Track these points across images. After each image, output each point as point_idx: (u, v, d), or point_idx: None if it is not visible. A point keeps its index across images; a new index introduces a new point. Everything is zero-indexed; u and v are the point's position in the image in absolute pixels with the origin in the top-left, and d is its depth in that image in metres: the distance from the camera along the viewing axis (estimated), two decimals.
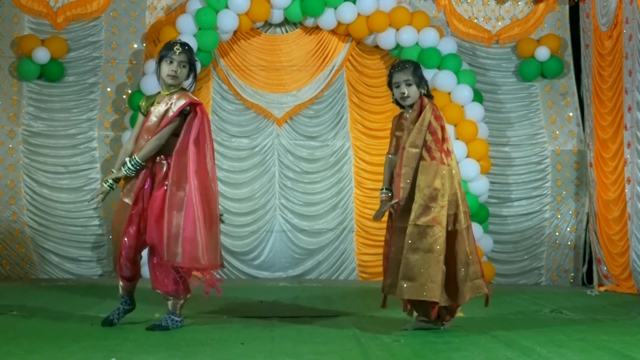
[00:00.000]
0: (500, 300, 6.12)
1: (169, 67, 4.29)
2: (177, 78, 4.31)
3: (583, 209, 7.97)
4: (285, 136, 8.16)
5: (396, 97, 4.48)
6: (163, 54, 4.32)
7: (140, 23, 8.10)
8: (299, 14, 7.86)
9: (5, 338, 3.98)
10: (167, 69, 4.30)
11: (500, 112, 8.13)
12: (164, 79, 4.33)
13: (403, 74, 4.40)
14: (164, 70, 4.31)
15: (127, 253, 4.33)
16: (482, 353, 3.71)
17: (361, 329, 4.43)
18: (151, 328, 4.30)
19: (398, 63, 4.54)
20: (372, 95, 8.18)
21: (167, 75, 4.30)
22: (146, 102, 4.46)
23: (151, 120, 4.35)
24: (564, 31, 8.24)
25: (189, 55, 4.35)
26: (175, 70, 4.28)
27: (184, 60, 4.31)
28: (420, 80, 4.43)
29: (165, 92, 4.37)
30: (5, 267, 7.71)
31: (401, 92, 4.40)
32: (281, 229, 8.11)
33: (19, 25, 7.93)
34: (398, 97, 4.46)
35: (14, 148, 7.83)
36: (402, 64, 4.49)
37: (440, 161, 4.27)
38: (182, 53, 4.30)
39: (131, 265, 4.38)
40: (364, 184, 8.10)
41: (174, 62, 4.28)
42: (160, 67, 4.33)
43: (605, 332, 4.42)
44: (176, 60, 4.28)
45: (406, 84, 4.40)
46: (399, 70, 4.43)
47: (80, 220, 7.83)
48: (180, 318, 4.39)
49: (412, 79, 4.40)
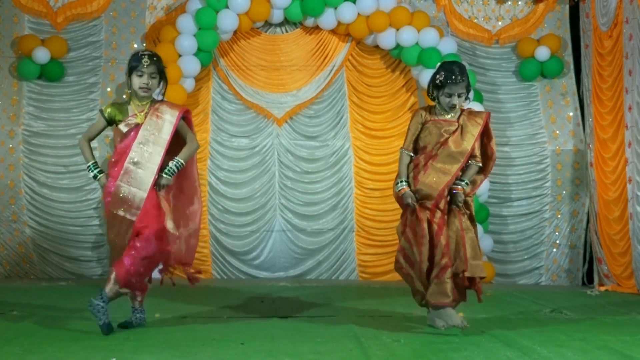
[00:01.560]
0: (500, 300, 6.12)
1: (140, 80, 4.38)
2: (150, 90, 4.42)
3: (583, 209, 7.97)
4: (285, 136, 8.16)
5: (443, 105, 4.59)
6: (132, 65, 4.40)
7: (140, 23, 8.10)
8: (299, 13, 7.86)
9: (5, 338, 3.99)
10: (138, 81, 4.39)
11: (500, 112, 8.12)
12: (136, 92, 4.41)
13: (459, 87, 4.54)
14: (135, 83, 4.41)
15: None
16: (482, 353, 3.71)
17: (361, 329, 4.44)
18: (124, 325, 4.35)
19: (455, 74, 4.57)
20: (372, 95, 8.18)
21: (139, 88, 4.39)
22: (116, 111, 4.46)
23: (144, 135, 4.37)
24: (564, 31, 8.24)
25: (158, 65, 4.44)
26: (147, 83, 4.38)
27: (153, 71, 4.40)
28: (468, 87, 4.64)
29: (141, 102, 4.44)
30: (6, 267, 7.71)
31: (453, 102, 4.56)
32: (281, 228, 8.11)
33: (19, 25, 7.93)
34: (446, 105, 4.58)
35: (14, 148, 7.83)
36: (459, 77, 4.56)
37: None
38: (151, 65, 4.39)
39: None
40: (364, 183, 8.10)
41: (144, 75, 4.38)
42: (131, 80, 4.41)
43: (605, 332, 4.42)
44: (146, 73, 4.37)
45: (458, 96, 4.57)
46: (456, 83, 4.53)
47: (80, 220, 7.82)
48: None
49: (464, 93, 4.59)
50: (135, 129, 4.41)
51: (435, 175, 4.52)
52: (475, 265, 4.46)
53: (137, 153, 4.36)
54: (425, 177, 4.52)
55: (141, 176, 4.35)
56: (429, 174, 4.52)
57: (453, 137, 4.58)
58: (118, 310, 4.52)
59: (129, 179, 4.34)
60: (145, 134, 4.38)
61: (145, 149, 4.36)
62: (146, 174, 4.35)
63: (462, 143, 4.60)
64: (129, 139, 4.40)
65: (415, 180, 4.55)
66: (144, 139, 4.38)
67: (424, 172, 4.54)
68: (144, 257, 4.28)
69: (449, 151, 4.56)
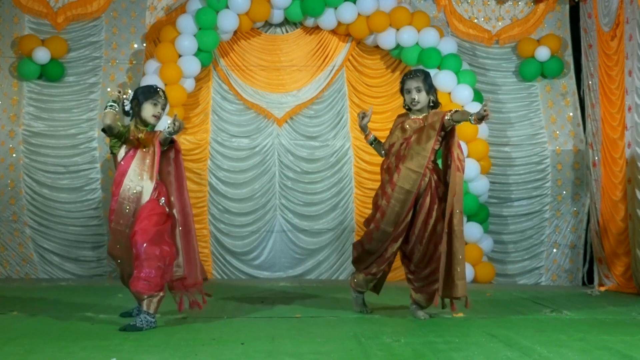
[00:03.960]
0: (501, 300, 6.12)
1: (155, 108, 4.72)
2: (159, 119, 4.78)
3: (583, 209, 7.97)
4: (286, 136, 8.16)
5: (407, 103, 5.03)
6: (147, 96, 4.72)
7: (140, 23, 8.10)
8: (299, 14, 7.86)
9: (6, 338, 3.99)
10: (152, 110, 4.72)
11: (501, 112, 8.13)
12: (148, 119, 4.71)
13: (414, 81, 4.98)
14: (149, 110, 4.71)
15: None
16: (483, 353, 3.71)
17: (361, 329, 4.44)
18: (123, 329, 4.34)
19: (410, 71, 5.10)
20: (372, 95, 8.19)
21: (152, 116, 4.72)
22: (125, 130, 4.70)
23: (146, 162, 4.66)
24: (564, 31, 8.24)
25: (167, 100, 4.86)
26: (160, 113, 4.75)
27: (164, 104, 4.79)
28: (430, 88, 5.01)
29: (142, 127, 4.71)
30: (6, 267, 7.72)
31: (412, 97, 4.96)
32: (281, 229, 8.11)
33: (19, 25, 7.93)
34: (409, 102, 5.01)
35: (14, 148, 7.83)
36: (414, 72, 5.06)
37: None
38: (164, 98, 4.80)
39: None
40: (364, 184, 8.10)
41: (158, 105, 4.73)
42: (144, 107, 4.71)
43: (605, 332, 4.42)
44: (160, 104, 4.74)
45: (417, 90, 4.96)
46: (411, 77, 5.01)
47: (81, 220, 7.82)
48: (154, 318, 4.45)
49: (422, 86, 4.96)
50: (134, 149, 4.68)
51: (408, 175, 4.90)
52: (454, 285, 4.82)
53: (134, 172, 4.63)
54: (399, 179, 4.91)
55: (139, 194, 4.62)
56: (402, 175, 4.91)
57: (415, 135, 4.94)
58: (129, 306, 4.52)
59: (129, 196, 4.61)
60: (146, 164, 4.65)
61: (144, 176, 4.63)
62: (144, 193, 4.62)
63: (423, 139, 4.92)
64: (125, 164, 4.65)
65: (391, 183, 4.94)
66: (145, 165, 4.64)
67: (397, 174, 4.93)
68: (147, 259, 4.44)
69: (414, 149, 4.91)
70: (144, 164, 4.63)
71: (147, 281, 4.41)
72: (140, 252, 4.42)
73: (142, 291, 4.41)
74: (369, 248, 5.04)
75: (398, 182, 4.91)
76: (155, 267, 4.44)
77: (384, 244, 4.98)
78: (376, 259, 5.05)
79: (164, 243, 4.53)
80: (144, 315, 4.39)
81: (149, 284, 4.41)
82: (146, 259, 4.42)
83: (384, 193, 5.00)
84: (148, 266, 4.41)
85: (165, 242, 4.54)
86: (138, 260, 4.44)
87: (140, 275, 4.41)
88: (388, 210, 4.93)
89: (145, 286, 4.41)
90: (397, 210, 4.91)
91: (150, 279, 4.42)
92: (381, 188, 5.08)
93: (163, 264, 4.49)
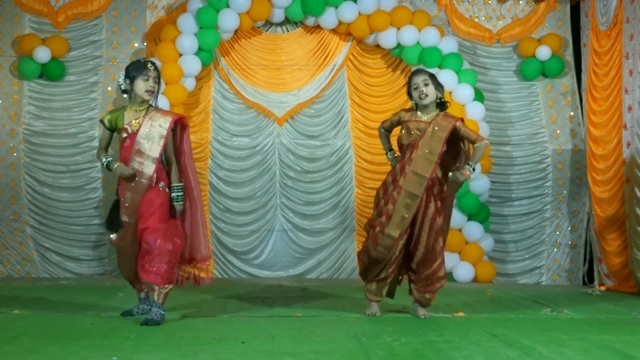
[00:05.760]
0: (501, 299, 6.12)
1: (146, 83, 4.62)
2: (154, 93, 4.66)
3: (584, 208, 7.96)
4: (286, 135, 8.16)
5: (416, 100, 4.96)
6: (138, 71, 4.63)
7: (141, 22, 8.10)
8: (299, 13, 7.86)
9: (6, 337, 3.99)
10: (144, 85, 4.61)
11: (501, 112, 8.13)
12: (141, 95, 4.63)
13: (421, 75, 4.95)
14: (141, 87, 4.62)
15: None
16: (483, 352, 3.71)
17: (362, 328, 4.44)
18: (145, 323, 4.42)
19: (415, 69, 5.18)
20: (373, 95, 8.18)
21: (145, 91, 4.62)
22: (115, 117, 4.71)
23: (140, 142, 4.61)
24: (565, 30, 8.23)
25: (159, 71, 4.73)
26: (153, 87, 4.63)
27: (156, 76, 4.66)
28: (437, 85, 4.97)
29: (140, 108, 4.67)
30: (7, 266, 7.72)
31: (420, 90, 4.90)
32: (282, 228, 8.11)
33: (20, 25, 7.93)
34: (417, 96, 4.93)
35: (14, 147, 7.83)
36: (419, 69, 5.09)
37: None
38: (155, 70, 4.66)
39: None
40: (364, 183, 8.10)
41: (149, 79, 4.62)
42: (136, 84, 4.62)
43: (606, 332, 4.42)
44: (151, 77, 4.62)
45: (425, 84, 4.91)
46: (417, 74, 4.99)
47: (82, 220, 7.82)
48: (164, 310, 4.52)
49: (429, 80, 4.93)
50: (131, 136, 4.65)
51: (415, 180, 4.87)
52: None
53: (135, 162, 4.61)
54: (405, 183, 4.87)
55: (141, 184, 4.61)
56: (409, 179, 4.87)
57: (423, 139, 4.88)
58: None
59: (131, 187, 4.61)
60: (139, 146, 4.61)
61: (139, 160, 4.60)
62: (143, 182, 4.61)
63: (432, 144, 4.87)
64: (125, 149, 4.67)
65: (397, 186, 4.91)
66: (139, 148, 4.61)
67: (403, 178, 4.89)
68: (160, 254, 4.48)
69: (421, 153, 4.86)
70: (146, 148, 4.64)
71: (159, 275, 4.48)
72: (154, 247, 4.48)
73: (154, 282, 4.49)
74: (376, 256, 4.92)
75: (404, 185, 4.86)
76: (167, 262, 4.50)
77: (390, 250, 4.89)
78: (384, 266, 4.97)
79: (177, 235, 4.60)
80: (156, 309, 4.47)
81: (160, 277, 4.49)
82: (159, 254, 4.48)
83: (389, 196, 4.92)
84: (160, 261, 4.48)
85: (177, 233, 4.61)
86: (150, 255, 4.49)
87: (152, 269, 4.47)
88: (394, 214, 4.86)
89: (156, 279, 4.49)
90: (403, 214, 4.86)
91: (162, 273, 4.49)
92: (384, 189, 5.02)
93: (175, 258, 4.55)
